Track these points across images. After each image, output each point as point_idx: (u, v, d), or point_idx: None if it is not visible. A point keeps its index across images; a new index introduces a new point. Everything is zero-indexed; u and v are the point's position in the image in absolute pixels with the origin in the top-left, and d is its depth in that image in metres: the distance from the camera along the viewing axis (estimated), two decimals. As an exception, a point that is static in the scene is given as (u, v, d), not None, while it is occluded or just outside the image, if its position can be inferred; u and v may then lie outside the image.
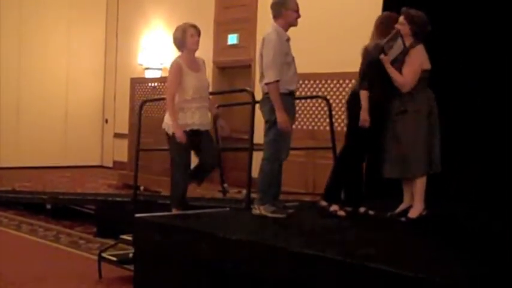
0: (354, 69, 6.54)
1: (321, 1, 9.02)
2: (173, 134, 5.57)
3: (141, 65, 12.54)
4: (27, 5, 12.77)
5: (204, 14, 11.17)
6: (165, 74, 12.08)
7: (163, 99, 11.42)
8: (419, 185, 5.25)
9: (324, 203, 5.50)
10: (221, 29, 11.01)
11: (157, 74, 12.32)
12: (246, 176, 6.24)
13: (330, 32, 8.64)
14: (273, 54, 5.16)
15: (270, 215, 5.24)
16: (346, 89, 8.77)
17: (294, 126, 9.32)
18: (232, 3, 10.77)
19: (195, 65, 5.67)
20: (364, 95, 5.21)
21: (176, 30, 5.68)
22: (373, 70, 5.26)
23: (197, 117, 5.64)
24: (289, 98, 5.33)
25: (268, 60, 5.17)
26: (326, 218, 5.27)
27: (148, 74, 12.40)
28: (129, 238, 5.52)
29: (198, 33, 5.68)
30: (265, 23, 10.00)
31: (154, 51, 12.28)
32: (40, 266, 5.91)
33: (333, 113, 7.65)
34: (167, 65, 12.10)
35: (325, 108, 8.12)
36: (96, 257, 5.72)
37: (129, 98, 12.91)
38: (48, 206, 8.39)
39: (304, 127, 9.38)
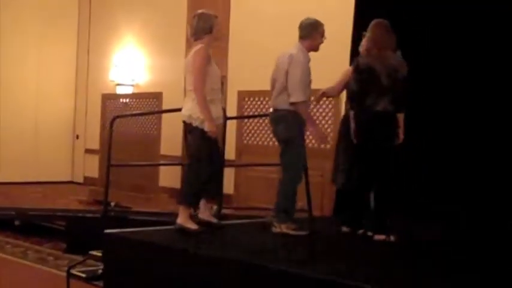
0: (327, 85, 6.58)
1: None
2: (202, 128, 5.08)
3: (112, 81, 12.49)
4: (-2, 20, 12.68)
5: (176, 31, 11.18)
6: (137, 91, 12.09)
7: (135, 114, 11.53)
8: None
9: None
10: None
11: (129, 90, 12.28)
12: (217, 191, 6.24)
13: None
14: (301, 75, 5.25)
15: (292, 232, 5.22)
16: (317, 106, 8.83)
17: (266, 143, 9.44)
18: (204, 21, 10.78)
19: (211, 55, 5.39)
20: (402, 117, 5.21)
21: (199, 17, 5.32)
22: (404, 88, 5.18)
23: (221, 110, 5.38)
24: (302, 118, 5.37)
25: (296, 80, 5.23)
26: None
27: (120, 90, 12.36)
28: (99, 254, 5.47)
29: None
30: (237, 41, 10.13)
31: (126, 68, 12.25)
32: (7, 283, 5.82)
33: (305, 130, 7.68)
34: (139, 81, 12.12)
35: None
36: (64, 274, 5.66)
37: (100, 113, 12.84)
38: (17, 223, 8.27)
39: (276, 143, 9.38)
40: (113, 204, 8.29)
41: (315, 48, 5.47)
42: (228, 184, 8.44)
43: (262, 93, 8.64)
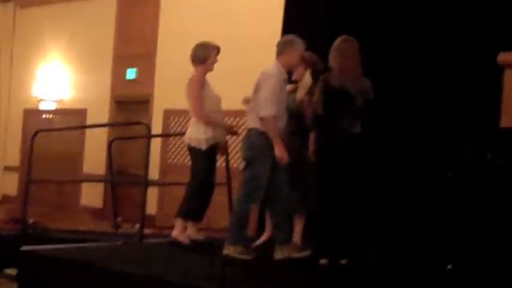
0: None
1: (242, 43, 9.05)
2: (199, 148, 5.54)
3: (36, 97, 12.21)
4: None
5: (103, 47, 11.08)
6: (61, 107, 11.87)
7: (57, 130, 11.28)
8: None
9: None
10: (120, 63, 10.92)
11: (52, 106, 12.02)
12: (139, 211, 6.19)
13: (226, 69, 8.75)
14: (272, 89, 5.05)
15: (238, 256, 5.07)
16: (243, 127, 8.88)
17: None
18: (131, 38, 10.74)
19: (207, 82, 5.73)
20: None
21: (200, 46, 5.70)
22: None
23: (221, 130, 5.78)
24: (269, 138, 5.11)
25: (267, 94, 5.04)
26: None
27: (43, 106, 12.09)
28: (13, 273, 5.31)
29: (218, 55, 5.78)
30: (165, 58, 10.12)
31: (50, 84, 12.00)
32: None
33: (229, 149, 7.71)
34: (63, 97, 11.89)
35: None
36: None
37: (21, 129, 12.51)
38: None
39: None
40: (31, 221, 8.05)
41: (292, 66, 5.33)
42: (151, 204, 8.36)
43: (188, 112, 8.62)
